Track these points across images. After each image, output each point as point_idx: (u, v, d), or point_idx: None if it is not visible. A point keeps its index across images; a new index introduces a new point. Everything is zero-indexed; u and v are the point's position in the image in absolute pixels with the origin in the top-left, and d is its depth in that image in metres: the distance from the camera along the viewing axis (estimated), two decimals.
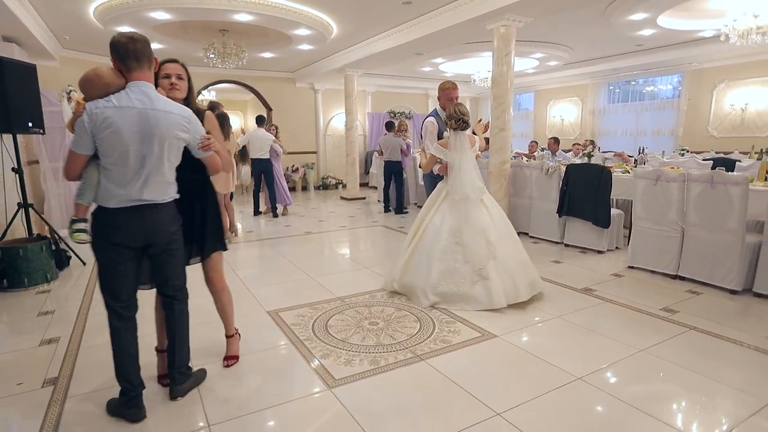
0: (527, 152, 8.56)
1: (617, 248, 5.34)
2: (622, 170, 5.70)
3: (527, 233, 6.04)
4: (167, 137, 2.05)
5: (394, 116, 12.66)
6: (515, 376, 2.54)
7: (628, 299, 3.71)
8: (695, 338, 2.99)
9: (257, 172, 7.49)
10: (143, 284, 2.28)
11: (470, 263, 3.48)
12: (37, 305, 3.69)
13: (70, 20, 6.24)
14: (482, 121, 4.25)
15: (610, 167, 5.53)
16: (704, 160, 6.83)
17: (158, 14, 5.74)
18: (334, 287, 4.06)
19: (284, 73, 11.04)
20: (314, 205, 9.47)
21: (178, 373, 2.30)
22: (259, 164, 7.37)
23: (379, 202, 9.44)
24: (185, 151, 2.21)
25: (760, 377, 2.49)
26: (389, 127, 8.13)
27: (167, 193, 2.15)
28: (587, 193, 5.18)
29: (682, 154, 7.90)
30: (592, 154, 6.46)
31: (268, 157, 7.38)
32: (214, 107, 6.44)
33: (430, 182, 4.22)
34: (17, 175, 4.65)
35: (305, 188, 11.79)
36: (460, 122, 3.54)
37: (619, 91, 11.07)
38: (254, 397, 2.34)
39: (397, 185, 7.94)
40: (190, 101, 2.39)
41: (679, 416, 2.18)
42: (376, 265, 4.79)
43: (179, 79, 2.33)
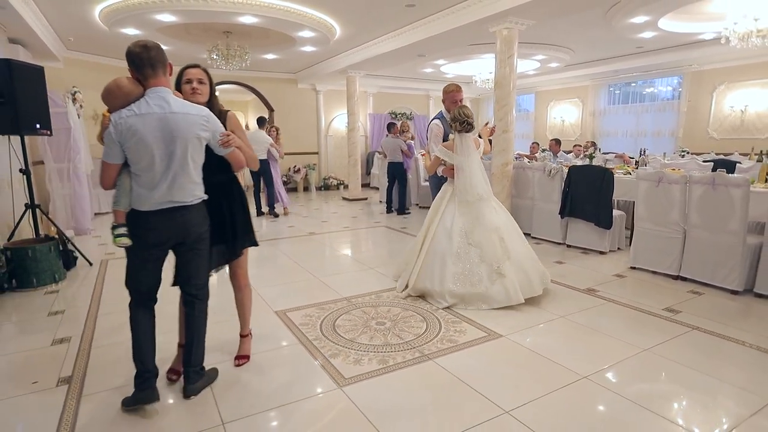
0: (528, 153, 8.61)
1: (619, 249, 5.39)
2: (623, 172, 5.75)
3: (529, 234, 6.08)
4: (188, 137, 2.14)
5: (395, 117, 12.71)
6: (522, 375, 2.59)
7: (630, 299, 3.76)
8: (698, 338, 3.04)
9: (256, 173, 7.54)
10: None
11: (487, 263, 3.54)
12: (46, 305, 3.73)
13: (75, 22, 6.27)
14: (489, 123, 4.28)
15: (611, 168, 5.58)
16: (704, 161, 6.88)
17: (164, 16, 5.78)
18: (339, 287, 4.10)
19: (286, 74, 11.08)
20: (316, 205, 9.51)
21: (192, 371, 2.35)
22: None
23: (380, 202, 9.48)
24: (210, 153, 2.29)
25: (762, 376, 2.54)
26: (389, 128, 8.20)
27: (194, 193, 2.23)
28: (589, 194, 5.23)
29: (682, 155, 7.96)
30: (593, 155, 6.51)
31: (266, 158, 7.44)
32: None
33: (435, 184, 4.27)
34: (25, 176, 4.70)
35: (307, 189, 11.82)
36: (464, 125, 3.59)
37: (618, 92, 11.13)
38: (266, 395, 2.38)
39: (399, 186, 7.99)
40: (212, 104, 2.45)
41: (683, 414, 2.22)
42: (380, 265, 4.83)
43: (200, 83, 2.41)
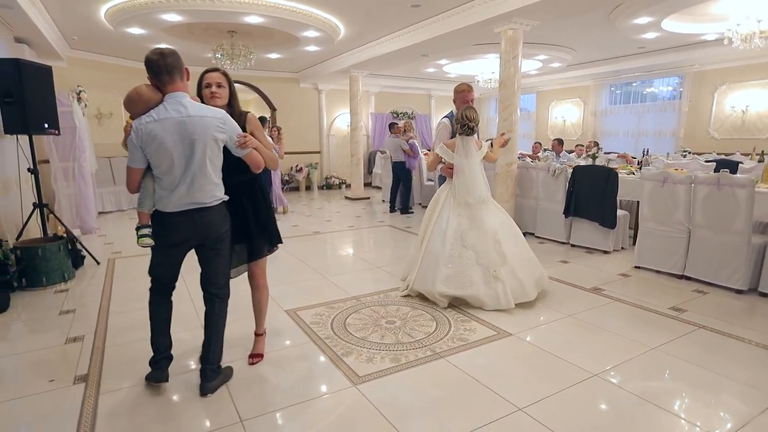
0: (530, 153, 8.64)
1: (623, 248, 5.43)
2: (627, 171, 5.78)
3: (533, 233, 6.13)
4: (205, 140, 2.20)
5: (396, 116, 12.74)
6: (533, 372, 2.63)
7: (636, 298, 3.80)
8: (704, 336, 3.08)
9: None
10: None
11: (482, 265, 3.53)
12: (57, 304, 3.76)
13: (80, 22, 6.28)
14: (505, 135, 4.28)
15: (615, 168, 5.61)
16: (707, 161, 6.93)
17: (170, 16, 5.79)
18: (347, 286, 4.14)
19: (288, 73, 11.09)
20: (319, 204, 9.54)
21: (210, 369, 2.38)
22: None
23: (383, 201, 9.51)
24: (229, 154, 2.33)
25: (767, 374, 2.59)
26: (391, 128, 8.25)
27: (214, 194, 2.28)
28: (594, 194, 5.27)
29: (683, 155, 8.00)
30: (596, 155, 6.54)
31: None
32: None
33: (441, 183, 4.30)
34: (33, 175, 4.72)
35: (309, 188, 11.84)
36: (465, 127, 3.57)
37: (619, 92, 11.17)
38: (282, 393, 2.41)
39: (403, 185, 8.02)
40: (233, 106, 2.48)
41: (693, 411, 2.26)
42: (387, 264, 4.86)
43: (219, 87, 2.44)
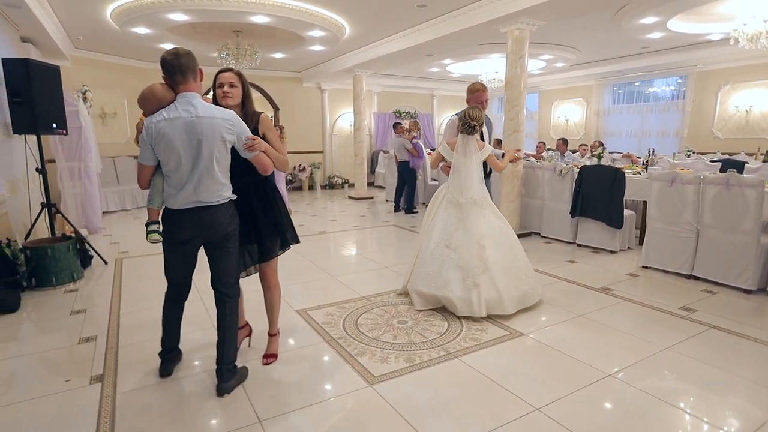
0: (534, 153, 8.65)
1: (629, 248, 5.44)
2: (633, 171, 5.79)
3: (539, 233, 6.14)
4: (213, 140, 2.21)
5: (399, 116, 12.75)
6: (547, 372, 2.63)
7: (646, 298, 3.81)
8: (716, 336, 3.09)
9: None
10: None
11: (462, 269, 3.38)
12: (67, 304, 3.76)
13: (86, 21, 6.28)
14: (519, 152, 4.26)
15: (620, 168, 5.62)
16: (712, 161, 6.94)
17: (176, 16, 5.79)
18: (357, 286, 4.14)
19: (291, 73, 11.09)
20: (323, 204, 9.54)
21: (225, 369, 2.39)
22: None
23: (387, 201, 9.52)
24: (240, 155, 2.33)
25: None
26: (395, 127, 8.26)
27: (221, 194, 2.29)
28: (601, 194, 5.27)
29: (688, 155, 8.01)
30: (602, 155, 6.55)
31: None
32: None
33: None
34: (41, 175, 4.72)
35: (312, 187, 11.85)
36: (466, 126, 3.52)
37: (621, 92, 11.16)
38: (299, 393, 2.42)
39: (407, 185, 8.02)
40: (246, 106, 2.49)
41: (709, 412, 2.26)
42: (394, 264, 4.86)
43: (231, 87, 2.45)
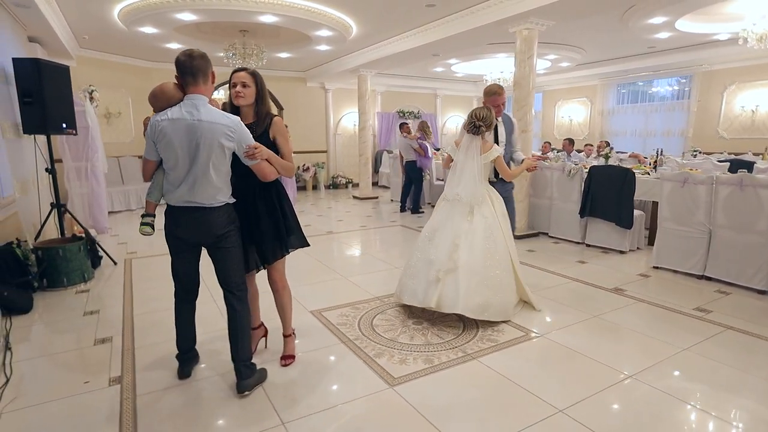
0: (540, 153, 8.65)
1: (638, 248, 5.44)
2: (641, 172, 5.78)
3: (547, 233, 6.13)
4: (211, 145, 2.21)
5: (403, 116, 12.75)
6: (567, 373, 2.62)
7: (659, 299, 3.80)
8: (734, 337, 3.08)
9: None
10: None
11: (434, 263, 3.34)
12: (80, 305, 3.75)
13: (93, 21, 6.26)
14: (538, 162, 4.19)
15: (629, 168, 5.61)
16: (719, 161, 6.93)
17: (184, 15, 5.77)
18: (368, 287, 4.13)
19: (295, 72, 11.08)
20: (327, 204, 9.53)
21: (243, 366, 2.39)
22: None
23: (392, 201, 9.51)
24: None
25: None
26: (401, 127, 8.25)
27: (216, 197, 2.29)
28: (611, 194, 5.27)
29: (694, 155, 8.01)
30: (609, 155, 6.54)
31: None
32: (223, 108, 6.50)
33: None
34: (50, 175, 4.70)
35: (315, 187, 11.84)
36: (471, 126, 3.47)
37: (625, 91, 11.16)
38: (320, 395, 2.41)
39: (414, 185, 8.01)
40: (259, 107, 2.46)
41: (734, 414, 2.26)
42: (403, 264, 4.84)
43: (244, 87, 2.42)
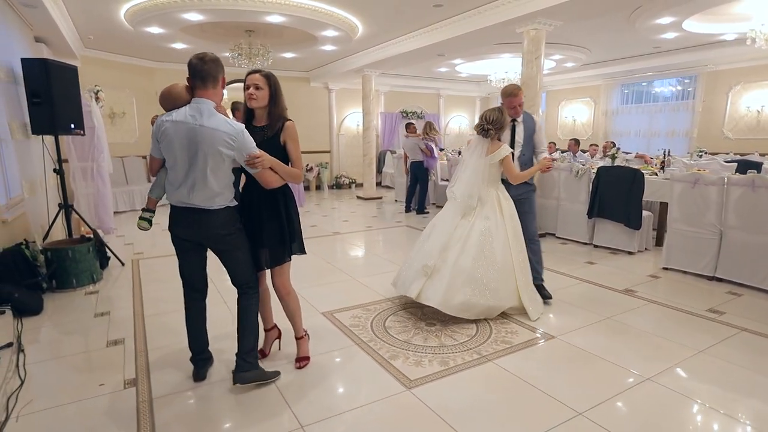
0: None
1: (646, 249, 5.43)
2: (649, 172, 5.77)
3: (554, 234, 6.12)
4: (209, 152, 2.20)
5: (406, 116, 12.74)
6: (584, 376, 2.61)
7: (671, 300, 3.78)
8: (749, 339, 3.07)
9: None
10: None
11: (425, 257, 3.41)
12: (90, 306, 3.73)
13: (99, 21, 6.24)
14: (553, 163, 3.93)
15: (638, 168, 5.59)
16: (726, 162, 6.91)
17: (191, 15, 5.75)
18: (378, 288, 4.12)
19: (299, 72, 11.05)
20: (331, 204, 9.51)
21: (241, 359, 2.40)
22: None
23: (396, 201, 9.49)
24: None
25: None
26: (407, 128, 8.23)
27: (215, 201, 2.28)
28: (619, 194, 5.25)
29: (700, 155, 7.99)
30: (616, 155, 6.52)
31: None
32: (237, 107, 6.48)
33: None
34: (58, 176, 4.69)
35: (319, 187, 11.82)
36: (479, 127, 3.46)
37: (627, 92, 11.13)
38: (337, 398, 2.40)
39: (420, 186, 7.99)
40: (272, 109, 2.42)
41: (755, 417, 2.24)
42: None
43: (257, 89, 2.38)
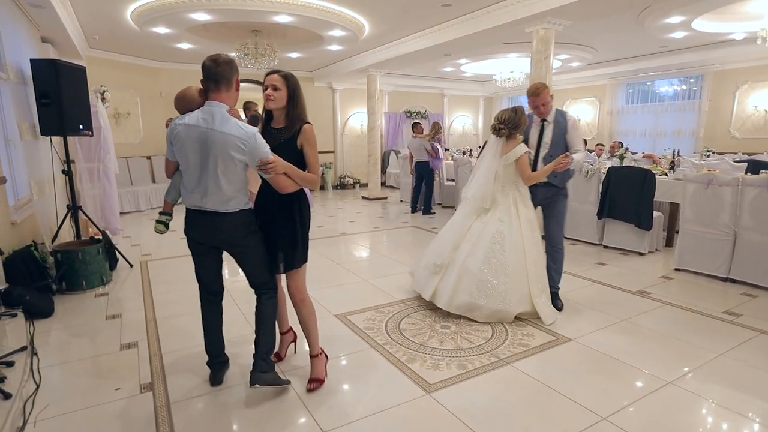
0: None
1: (657, 250, 5.39)
2: (659, 172, 5.73)
3: (563, 234, 6.07)
4: (220, 155, 2.18)
5: (410, 116, 12.72)
6: (605, 379, 2.58)
7: (686, 302, 3.75)
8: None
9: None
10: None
11: (437, 257, 3.57)
12: (100, 309, 3.71)
13: (105, 21, 6.22)
14: (567, 159, 3.76)
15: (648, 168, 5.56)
16: (736, 161, 6.88)
17: (198, 15, 5.73)
18: (390, 289, 4.09)
19: (303, 72, 11.02)
20: (336, 204, 9.49)
21: (260, 359, 2.37)
22: None
23: (401, 201, 9.47)
24: None
25: None
26: (414, 128, 8.21)
27: (229, 204, 2.26)
28: (630, 195, 5.22)
29: (707, 155, 7.95)
30: (624, 155, 6.49)
31: None
32: (248, 107, 6.45)
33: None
34: (67, 177, 4.66)
35: (323, 188, 11.80)
36: (493, 127, 3.44)
37: (632, 91, 11.08)
38: (358, 403, 2.37)
39: (426, 186, 7.96)
40: (289, 110, 2.35)
41: None
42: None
43: (274, 90, 2.32)
